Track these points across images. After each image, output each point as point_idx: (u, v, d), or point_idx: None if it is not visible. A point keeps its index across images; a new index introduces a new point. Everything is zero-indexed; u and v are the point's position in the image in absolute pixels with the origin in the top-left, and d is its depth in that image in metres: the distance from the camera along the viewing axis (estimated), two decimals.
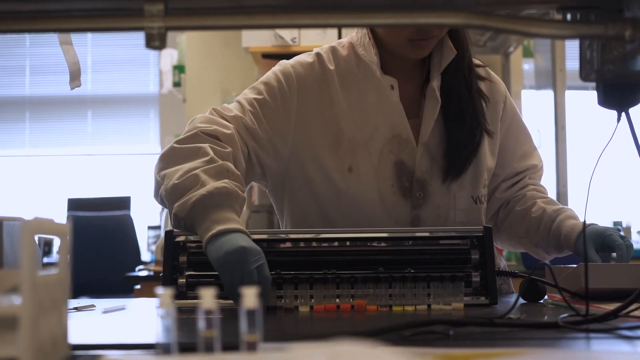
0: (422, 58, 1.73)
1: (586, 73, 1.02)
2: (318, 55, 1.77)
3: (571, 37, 0.92)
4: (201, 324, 0.73)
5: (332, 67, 1.74)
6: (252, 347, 0.72)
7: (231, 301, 1.38)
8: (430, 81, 1.72)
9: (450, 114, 1.72)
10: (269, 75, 1.75)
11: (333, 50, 1.78)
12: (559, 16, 0.98)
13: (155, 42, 0.93)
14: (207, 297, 0.71)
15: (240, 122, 1.66)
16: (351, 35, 1.80)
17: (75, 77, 1.47)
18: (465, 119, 1.72)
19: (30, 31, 0.96)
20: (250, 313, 0.71)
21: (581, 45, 1.02)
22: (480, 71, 1.81)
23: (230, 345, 0.77)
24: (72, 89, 1.47)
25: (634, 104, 1.06)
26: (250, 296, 0.71)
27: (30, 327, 0.61)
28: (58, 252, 0.75)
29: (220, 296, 1.37)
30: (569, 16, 0.97)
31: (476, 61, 1.82)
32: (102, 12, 0.96)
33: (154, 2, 0.93)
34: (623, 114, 1.06)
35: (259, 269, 1.37)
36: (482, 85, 1.79)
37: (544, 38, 1.66)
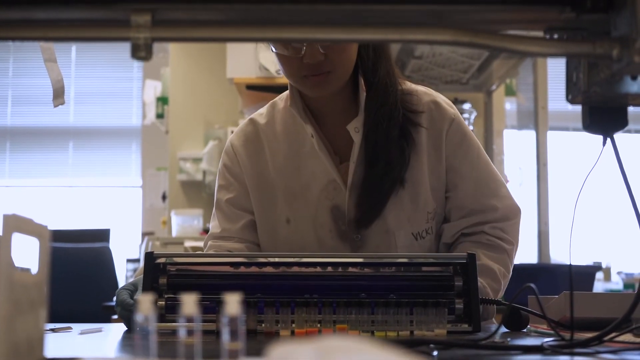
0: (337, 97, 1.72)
1: (573, 95, 1.02)
2: (252, 119, 1.85)
3: (559, 54, 0.92)
4: (182, 332, 0.71)
5: (264, 124, 1.82)
6: (234, 355, 0.70)
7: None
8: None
9: (370, 158, 1.70)
10: (220, 163, 1.89)
11: (273, 105, 1.84)
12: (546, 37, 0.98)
13: (142, 52, 0.92)
14: (189, 303, 0.69)
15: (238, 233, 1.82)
16: None
17: (58, 94, 1.45)
18: (377, 166, 1.69)
19: (15, 39, 0.95)
20: (232, 321, 0.70)
21: (568, 67, 1.02)
22: (417, 104, 1.74)
23: (212, 355, 0.75)
24: (55, 106, 1.45)
25: (619, 128, 1.05)
26: (232, 303, 0.69)
27: (6, 326, 0.60)
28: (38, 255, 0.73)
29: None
30: (555, 36, 0.97)
31: (421, 88, 1.77)
32: (88, 22, 0.96)
33: (140, 13, 0.92)
34: (608, 139, 1.06)
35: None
36: (423, 117, 1.73)
37: (532, 56, 1.67)
